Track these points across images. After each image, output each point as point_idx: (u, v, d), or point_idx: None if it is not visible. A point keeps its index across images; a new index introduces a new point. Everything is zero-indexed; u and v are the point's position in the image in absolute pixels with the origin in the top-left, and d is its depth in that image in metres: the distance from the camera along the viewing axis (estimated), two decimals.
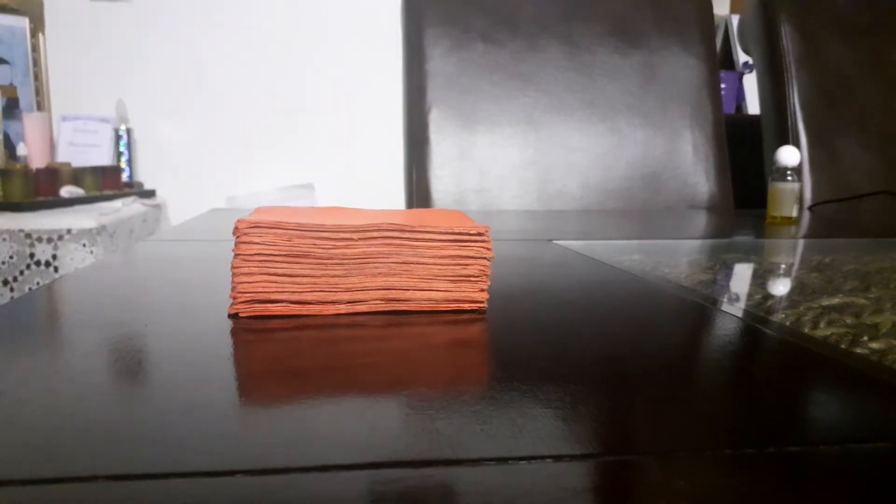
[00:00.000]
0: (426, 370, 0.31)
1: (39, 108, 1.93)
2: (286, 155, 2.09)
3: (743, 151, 1.45)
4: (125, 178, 1.94)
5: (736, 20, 2.21)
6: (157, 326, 0.37)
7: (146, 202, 1.85)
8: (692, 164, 1.30)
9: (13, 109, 1.86)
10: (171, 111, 2.03)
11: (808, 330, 0.41)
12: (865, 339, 0.39)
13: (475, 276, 0.41)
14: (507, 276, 0.53)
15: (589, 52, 1.30)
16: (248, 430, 0.24)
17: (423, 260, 0.40)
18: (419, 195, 1.21)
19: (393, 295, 0.40)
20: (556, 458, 0.22)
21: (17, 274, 1.39)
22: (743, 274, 0.67)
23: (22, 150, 1.79)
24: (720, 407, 0.28)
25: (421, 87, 1.24)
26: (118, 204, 1.67)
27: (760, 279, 0.63)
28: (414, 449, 0.22)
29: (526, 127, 1.26)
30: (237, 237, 0.38)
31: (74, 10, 1.95)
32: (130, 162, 1.98)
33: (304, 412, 0.25)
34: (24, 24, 1.89)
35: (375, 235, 0.39)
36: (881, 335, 0.40)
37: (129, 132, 1.97)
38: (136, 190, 1.90)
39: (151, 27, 1.99)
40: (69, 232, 1.40)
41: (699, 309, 0.45)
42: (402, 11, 1.29)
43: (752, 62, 1.93)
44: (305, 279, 0.39)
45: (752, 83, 2.14)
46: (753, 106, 2.18)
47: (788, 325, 0.42)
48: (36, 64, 1.93)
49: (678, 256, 0.73)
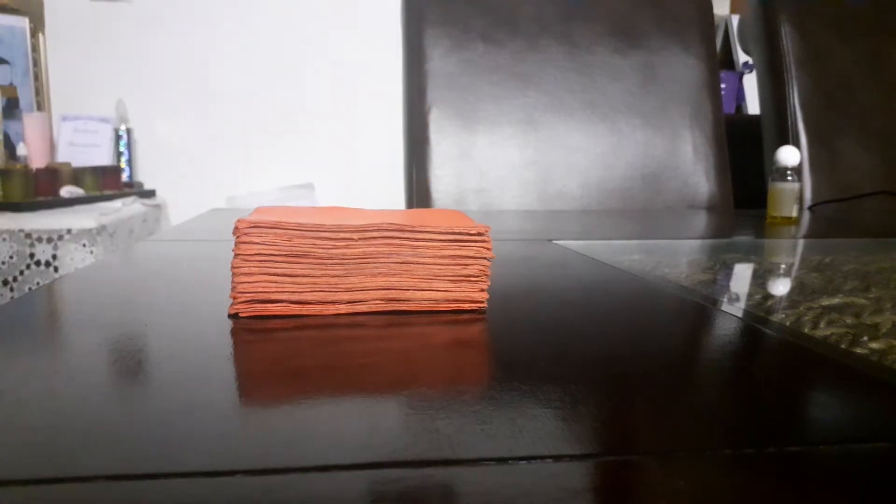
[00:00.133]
0: (426, 370, 0.31)
1: (39, 108, 1.93)
2: (286, 155, 2.09)
3: (743, 151, 1.44)
4: (125, 178, 1.94)
5: (736, 20, 2.21)
6: (157, 326, 0.37)
7: (146, 202, 1.85)
8: (692, 164, 1.30)
9: (13, 109, 1.86)
10: (171, 111, 2.03)
11: (808, 330, 0.41)
12: (865, 339, 0.39)
13: (475, 276, 0.41)
14: (507, 276, 0.53)
15: (589, 52, 1.30)
16: (248, 430, 0.24)
17: (423, 260, 0.40)
18: (419, 195, 1.21)
19: (393, 295, 0.40)
20: (556, 458, 0.22)
21: (17, 274, 1.39)
22: (743, 274, 0.67)
23: (22, 150, 1.79)
24: (720, 407, 0.28)
25: (421, 87, 1.24)
26: (118, 204, 1.67)
27: (760, 279, 0.63)
28: (414, 449, 0.22)
29: (526, 127, 1.26)
30: (237, 237, 0.38)
31: (74, 10, 1.95)
32: (130, 162, 1.98)
33: (304, 412, 0.25)
34: (24, 24, 1.89)
35: (375, 235, 0.39)
36: (881, 335, 0.40)
37: (129, 132, 1.97)
38: (136, 190, 1.90)
39: (151, 27, 1.99)
40: (69, 232, 1.40)
41: (699, 309, 0.45)
42: (402, 11, 1.29)
43: (752, 62, 1.93)
44: (305, 279, 0.39)
45: (752, 83, 2.14)
46: (753, 106, 2.18)
47: (788, 325, 0.42)
48: (36, 64, 1.93)
49: (678, 256, 0.73)
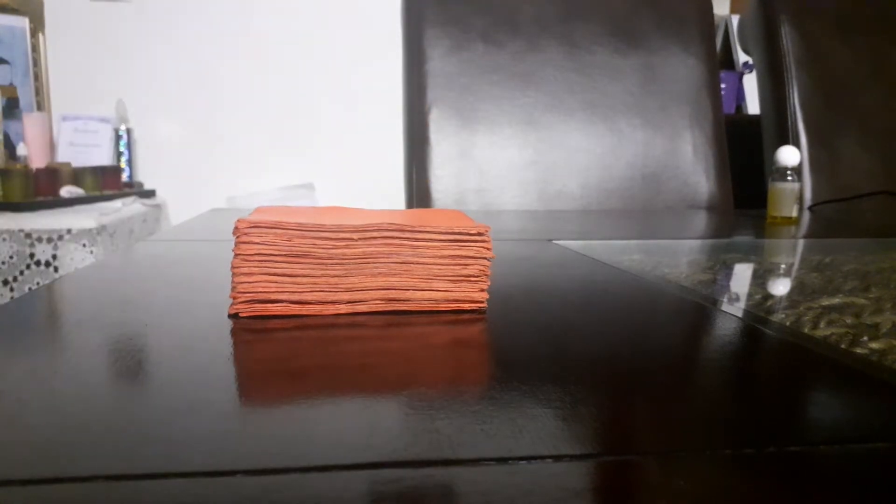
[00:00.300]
0: (426, 370, 0.31)
1: (39, 108, 1.93)
2: (286, 155, 2.09)
3: (743, 151, 1.45)
4: (125, 178, 1.94)
5: (736, 20, 2.21)
6: (157, 326, 0.37)
7: (146, 202, 1.85)
8: (692, 164, 1.30)
9: (13, 109, 1.86)
10: (171, 111, 2.03)
11: (808, 330, 0.41)
12: (865, 339, 0.39)
13: (475, 275, 0.41)
14: (507, 276, 0.53)
15: (589, 52, 1.30)
16: (248, 430, 0.24)
17: (423, 260, 0.40)
18: (419, 195, 1.21)
19: (393, 295, 0.40)
20: (556, 458, 0.22)
21: (17, 274, 1.39)
22: (743, 274, 0.66)
23: (22, 150, 1.79)
24: (720, 407, 0.28)
25: (421, 86, 1.24)
26: (118, 204, 1.67)
27: (760, 279, 0.63)
28: (414, 449, 0.22)
29: (526, 127, 1.26)
30: (237, 237, 0.38)
31: (74, 10, 1.95)
32: (130, 162, 1.98)
33: (304, 412, 0.25)
34: (24, 24, 1.89)
35: (375, 235, 0.39)
36: (881, 335, 0.40)
37: (129, 132, 1.97)
38: (136, 190, 1.90)
39: (151, 27, 1.99)
40: (69, 232, 1.40)
41: (699, 309, 0.45)
42: (402, 11, 1.29)
43: (752, 62, 1.93)
44: (305, 279, 0.39)
45: (752, 83, 2.14)
46: (753, 106, 2.18)
47: (788, 325, 0.42)
48: (36, 64, 1.93)
49: (678, 256, 0.73)
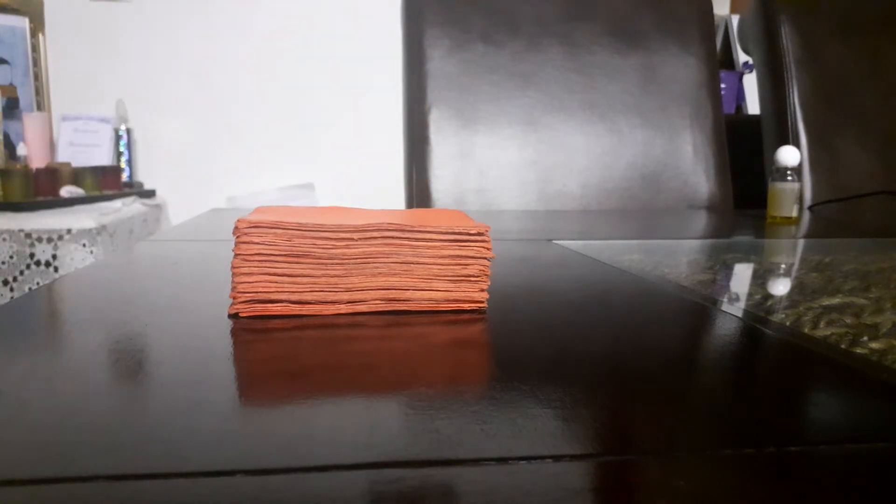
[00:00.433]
0: (426, 370, 0.31)
1: (39, 108, 1.93)
2: (286, 155, 2.09)
3: (743, 151, 1.44)
4: (125, 178, 1.94)
5: (736, 20, 2.21)
6: (157, 326, 0.37)
7: (146, 202, 1.85)
8: (692, 164, 1.30)
9: (13, 109, 1.86)
10: (171, 111, 2.03)
11: (808, 330, 0.41)
12: (865, 339, 0.39)
13: (475, 275, 0.41)
14: (507, 276, 0.53)
15: (589, 52, 1.30)
16: (248, 430, 0.24)
17: (423, 260, 0.40)
18: (419, 195, 1.21)
19: (393, 295, 0.40)
20: (556, 458, 0.22)
21: (17, 274, 1.39)
22: (743, 274, 0.66)
23: (22, 150, 1.79)
24: (720, 407, 0.28)
25: (421, 87, 1.24)
26: (118, 204, 1.67)
27: (760, 279, 0.63)
28: (414, 449, 0.22)
29: (526, 127, 1.26)
30: (237, 237, 0.38)
31: (74, 10, 1.95)
32: (130, 162, 1.98)
33: (304, 412, 0.25)
34: (24, 24, 1.89)
35: (375, 235, 0.39)
36: (881, 335, 0.40)
37: (129, 132, 1.97)
38: (136, 190, 1.90)
39: (151, 27, 1.99)
40: (69, 232, 1.40)
41: (699, 309, 0.45)
42: (402, 11, 1.29)
43: (752, 62, 1.93)
44: (305, 279, 0.39)
45: (752, 83, 2.14)
46: (753, 106, 2.18)
47: (788, 325, 0.42)
48: (36, 64, 1.93)
49: (678, 256, 0.73)
